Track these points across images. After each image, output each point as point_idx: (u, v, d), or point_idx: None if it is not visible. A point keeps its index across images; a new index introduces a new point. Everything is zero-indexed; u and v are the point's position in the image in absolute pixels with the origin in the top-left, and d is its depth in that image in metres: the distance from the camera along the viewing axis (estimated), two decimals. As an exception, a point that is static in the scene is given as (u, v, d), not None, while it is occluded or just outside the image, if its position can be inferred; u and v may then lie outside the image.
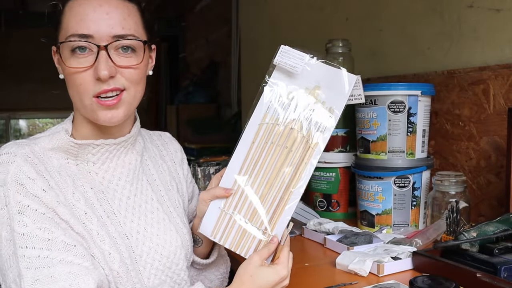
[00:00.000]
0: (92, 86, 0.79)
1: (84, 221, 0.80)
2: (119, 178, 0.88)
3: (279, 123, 0.87)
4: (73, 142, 0.83)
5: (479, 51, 1.43)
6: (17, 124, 8.10)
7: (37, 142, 0.82)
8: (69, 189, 0.81)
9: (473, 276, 0.88)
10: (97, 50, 0.78)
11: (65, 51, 0.79)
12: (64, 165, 0.83)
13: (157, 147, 1.03)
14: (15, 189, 0.75)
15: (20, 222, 0.74)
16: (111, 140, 0.86)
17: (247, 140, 0.89)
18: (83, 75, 0.79)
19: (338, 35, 1.75)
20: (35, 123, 8.70)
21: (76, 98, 0.82)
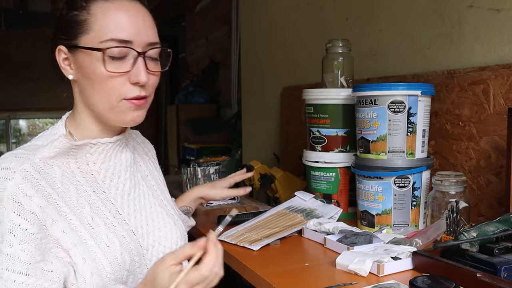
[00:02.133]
0: (125, 90, 0.82)
1: (93, 226, 0.82)
2: (118, 176, 0.91)
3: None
4: (73, 144, 0.85)
5: (479, 51, 1.43)
6: (17, 124, 8.10)
7: (37, 153, 0.82)
8: (73, 198, 0.83)
9: (473, 276, 0.88)
10: (134, 56, 0.81)
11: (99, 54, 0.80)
12: (66, 172, 0.84)
13: (139, 144, 1.07)
14: (11, 207, 0.75)
15: (7, 242, 0.74)
16: (107, 139, 0.88)
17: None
18: (120, 79, 0.81)
19: (338, 35, 1.75)
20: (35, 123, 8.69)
21: (103, 99, 0.83)
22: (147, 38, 0.83)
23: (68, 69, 0.85)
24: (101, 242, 0.82)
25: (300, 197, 1.51)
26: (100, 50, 0.79)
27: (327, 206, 1.46)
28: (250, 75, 2.93)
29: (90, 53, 0.80)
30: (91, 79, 0.82)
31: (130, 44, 0.81)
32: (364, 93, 1.32)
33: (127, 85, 0.82)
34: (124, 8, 0.81)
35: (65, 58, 0.84)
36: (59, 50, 0.84)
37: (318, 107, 1.54)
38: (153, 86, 0.86)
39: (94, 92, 0.83)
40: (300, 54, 2.39)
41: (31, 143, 0.87)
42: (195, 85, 4.63)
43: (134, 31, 0.81)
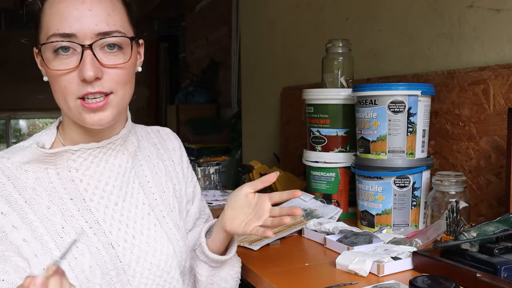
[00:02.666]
0: (76, 88, 0.74)
1: (62, 235, 0.77)
2: (106, 183, 0.83)
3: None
4: (47, 153, 0.80)
5: (479, 51, 1.43)
6: (17, 124, 8.10)
7: (11, 156, 0.79)
8: (43, 205, 0.78)
9: (473, 276, 0.88)
10: (81, 50, 0.73)
11: (47, 52, 0.75)
12: (41, 178, 0.80)
13: (154, 145, 0.97)
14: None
15: None
16: (93, 143, 0.82)
17: None
18: (67, 77, 0.74)
19: (338, 35, 1.75)
20: (35, 123, 8.69)
21: (61, 100, 0.77)
22: (94, 28, 0.73)
23: (43, 71, 0.80)
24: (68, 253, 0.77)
25: (300, 197, 1.51)
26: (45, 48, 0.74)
27: (327, 207, 1.46)
28: (250, 75, 2.93)
29: (43, 52, 0.75)
30: (49, 79, 0.78)
31: (73, 38, 0.72)
32: (364, 93, 1.32)
33: (76, 83, 0.74)
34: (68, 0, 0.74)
35: (41, 61, 0.79)
36: (35, 52, 0.80)
37: (318, 107, 1.54)
38: (115, 80, 0.76)
39: (55, 94, 0.78)
40: (300, 54, 2.39)
41: (21, 142, 0.85)
42: (195, 85, 4.63)
43: (76, 22, 0.72)
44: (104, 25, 0.74)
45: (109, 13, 0.75)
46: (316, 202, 1.50)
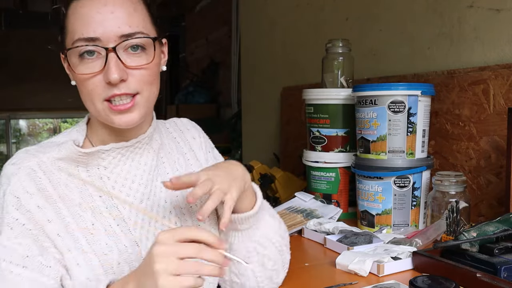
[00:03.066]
0: (102, 91, 0.76)
1: (92, 232, 0.79)
2: (132, 181, 0.85)
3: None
4: (81, 152, 0.81)
5: (479, 51, 1.43)
6: (17, 124, 8.09)
7: (47, 151, 0.81)
8: (75, 201, 0.80)
9: (473, 276, 0.88)
10: (105, 53, 0.74)
11: (73, 57, 0.76)
12: (73, 174, 0.81)
13: (173, 140, 0.97)
14: (11, 202, 0.76)
15: (5, 234, 0.75)
16: (123, 143, 0.83)
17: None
18: (93, 80, 0.76)
19: (338, 35, 1.75)
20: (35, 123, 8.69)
21: (89, 103, 0.79)
22: (117, 31, 0.74)
23: (70, 75, 0.82)
24: (99, 249, 0.79)
25: (300, 197, 1.51)
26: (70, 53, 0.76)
27: (327, 207, 1.46)
28: (250, 75, 2.93)
29: (69, 57, 0.77)
30: (77, 83, 0.79)
31: (97, 42, 0.74)
32: (364, 93, 1.32)
33: (102, 85, 0.75)
34: (91, 3, 0.75)
35: (68, 65, 0.81)
36: (62, 58, 0.82)
37: (318, 107, 1.54)
38: (140, 81, 0.77)
39: (83, 97, 0.80)
40: (300, 54, 2.39)
41: (51, 139, 0.87)
42: (195, 85, 4.63)
43: (98, 26, 0.73)
44: (127, 27, 0.75)
45: (130, 14, 0.76)
46: (316, 202, 1.50)
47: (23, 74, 5.22)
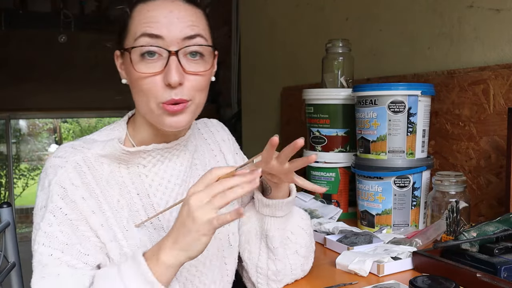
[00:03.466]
0: (160, 92, 0.78)
1: (127, 228, 0.83)
2: (168, 180, 0.88)
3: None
4: (125, 150, 0.84)
5: (479, 51, 1.43)
6: (17, 124, 8.09)
7: (91, 147, 0.84)
8: (114, 197, 0.83)
9: (473, 276, 0.88)
10: (167, 55, 0.77)
11: (134, 55, 0.78)
12: (114, 171, 0.85)
13: (204, 141, 1.00)
14: (56, 191, 0.79)
15: (47, 221, 0.78)
16: (164, 144, 0.86)
17: None
18: (152, 80, 0.78)
19: (338, 35, 1.75)
20: (35, 123, 8.68)
21: (143, 102, 0.81)
22: (180, 34, 0.77)
23: (123, 73, 0.85)
24: (133, 244, 0.82)
25: (300, 198, 1.51)
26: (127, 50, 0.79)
27: (327, 207, 1.46)
28: (250, 75, 2.94)
29: (131, 55, 0.79)
30: (131, 81, 0.82)
31: (160, 41, 0.76)
32: (364, 93, 1.32)
33: (160, 87, 0.78)
34: (158, 7, 0.78)
35: (122, 63, 0.85)
36: (116, 56, 0.86)
37: (318, 107, 1.54)
38: (194, 88, 0.80)
39: (136, 96, 0.82)
40: (300, 54, 2.39)
41: (91, 136, 0.89)
42: (195, 85, 4.62)
43: (164, 27, 0.76)
44: (189, 30, 0.78)
45: (194, 22, 0.80)
46: (316, 202, 1.50)
47: (23, 74, 5.21)
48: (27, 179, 8.38)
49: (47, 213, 0.78)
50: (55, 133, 9.45)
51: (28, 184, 8.36)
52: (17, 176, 8.05)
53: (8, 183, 6.51)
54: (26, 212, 7.48)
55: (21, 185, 8.18)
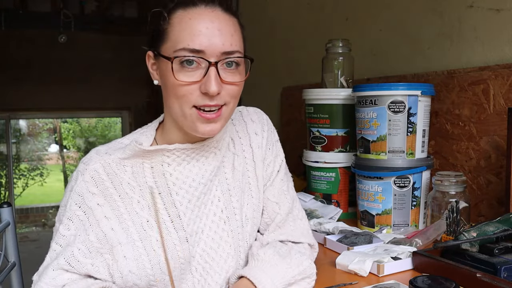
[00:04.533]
0: (195, 98, 0.81)
1: (145, 228, 0.86)
2: (193, 179, 0.89)
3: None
4: (143, 149, 0.86)
5: (479, 51, 1.43)
6: (17, 124, 8.09)
7: (112, 153, 0.88)
8: (134, 199, 0.87)
9: (473, 276, 0.88)
10: (207, 66, 0.79)
11: (175, 64, 0.80)
12: (138, 173, 0.88)
13: (236, 134, 0.98)
14: (74, 199, 0.86)
15: (66, 226, 0.85)
16: (187, 144, 0.88)
17: None
18: (189, 88, 0.80)
19: (338, 35, 1.75)
20: (35, 123, 8.68)
21: (176, 107, 0.83)
22: (221, 47, 0.80)
23: (155, 74, 0.88)
24: (149, 245, 0.85)
25: (300, 198, 1.51)
26: (169, 59, 0.81)
27: (327, 207, 1.46)
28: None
29: (167, 61, 0.81)
30: (166, 85, 0.84)
31: (201, 54, 0.79)
32: (364, 93, 1.32)
33: (197, 94, 0.81)
34: (200, 16, 0.80)
35: (153, 64, 0.87)
36: (148, 55, 0.87)
37: (318, 107, 1.54)
38: (230, 95, 0.83)
39: (170, 100, 0.84)
40: (300, 54, 2.39)
41: (122, 139, 0.93)
42: (195, 85, 4.62)
43: (205, 40, 0.79)
44: (229, 45, 0.81)
45: (232, 34, 0.82)
46: (316, 202, 1.50)
47: (23, 74, 5.21)
48: (27, 179, 8.38)
49: (65, 219, 0.86)
50: (55, 133, 9.44)
51: (28, 184, 8.36)
52: (17, 176, 8.05)
53: (8, 183, 6.51)
54: (26, 212, 7.48)
55: (21, 185, 8.19)
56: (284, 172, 1.02)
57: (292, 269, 0.87)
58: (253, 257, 0.90)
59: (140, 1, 5.23)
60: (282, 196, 1.00)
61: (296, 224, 0.99)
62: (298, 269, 0.88)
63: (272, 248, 0.91)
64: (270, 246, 0.92)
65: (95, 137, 8.82)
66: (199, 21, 0.79)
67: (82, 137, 8.92)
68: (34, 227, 7.36)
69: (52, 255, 0.86)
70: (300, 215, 1.01)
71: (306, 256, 0.93)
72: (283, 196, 1.00)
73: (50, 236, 0.89)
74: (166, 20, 0.82)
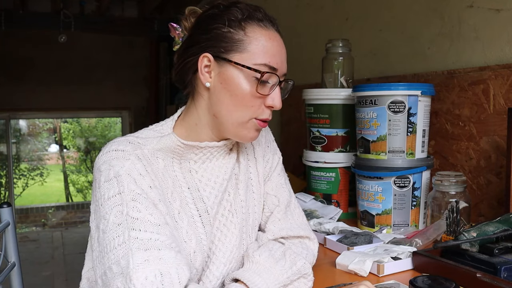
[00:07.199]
0: (260, 111, 0.88)
1: (177, 220, 0.87)
2: (217, 175, 0.94)
3: None
4: (181, 142, 0.89)
5: (479, 51, 1.43)
6: (17, 124, 8.09)
7: (146, 143, 0.88)
8: (168, 189, 0.88)
9: (473, 276, 0.88)
10: (275, 83, 0.88)
11: (251, 73, 0.86)
12: (168, 165, 0.90)
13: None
14: (129, 180, 0.81)
15: (134, 208, 0.79)
16: (214, 143, 0.92)
17: None
18: (258, 100, 0.87)
19: (338, 35, 1.75)
20: (35, 123, 8.68)
21: (237, 114, 0.88)
22: (285, 69, 0.90)
23: (207, 76, 0.89)
24: (180, 236, 0.86)
25: (300, 198, 1.51)
26: (257, 71, 0.85)
27: (327, 207, 1.46)
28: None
29: (241, 70, 0.86)
30: (233, 93, 0.87)
31: (276, 72, 0.87)
32: (364, 93, 1.32)
33: (262, 107, 0.88)
34: (275, 38, 0.88)
35: (207, 66, 0.88)
36: (204, 56, 0.88)
37: (318, 107, 1.54)
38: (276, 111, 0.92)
39: (230, 105, 0.88)
40: (300, 54, 2.39)
41: (140, 133, 0.93)
42: (195, 85, 4.62)
43: (280, 61, 0.88)
44: (286, 68, 0.92)
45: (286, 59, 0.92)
46: (316, 202, 1.50)
47: (23, 74, 5.22)
48: (27, 179, 8.38)
49: (130, 202, 0.79)
50: (55, 133, 9.44)
51: (28, 184, 8.36)
52: (17, 176, 8.05)
53: (8, 183, 6.51)
54: (26, 212, 7.48)
55: (21, 185, 8.19)
56: (281, 168, 1.09)
57: (285, 270, 0.89)
58: (249, 259, 0.91)
59: (140, 1, 5.23)
60: (280, 189, 1.06)
61: (294, 218, 1.04)
62: (292, 270, 0.90)
63: (268, 252, 0.93)
64: (265, 248, 0.94)
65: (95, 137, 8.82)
66: (275, 43, 0.88)
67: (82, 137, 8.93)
68: (34, 227, 7.36)
69: (144, 245, 0.76)
70: (297, 210, 1.06)
71: (301, 256, 0.94)
72: (281, 190, 1.05)
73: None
74: (241, 30, 0.86)
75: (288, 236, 1.00)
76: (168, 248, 0.77)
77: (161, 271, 0.73)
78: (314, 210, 1.43)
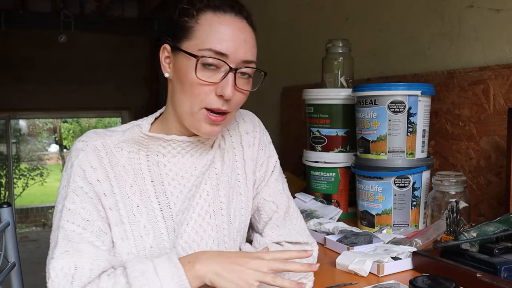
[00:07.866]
0: (210, 100, 0.84)
1: (135, 213, 0.87)
2: (186, 171, 0.92)
3: None
4: (143, 133, 0.89)
5: (479, 51, 1.43)
6: (17, 124, 8.09)
7: (112, 135, 0.90)
8: (127, 182, 0.88)
9: (473, 276, 0.88)
10: (227, 70, 0.83)
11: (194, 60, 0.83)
12: (133, 157, 0.89)
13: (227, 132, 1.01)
14: (77, 172, 0.85)
15: (71, 199, 0.84)
16: (184, 137, 0.90)
17: None
18: (206, 88, 0.83)
19: (338, 35, 1.75)
20: (35, 123, 8.68)
21: (187, 104, 0.85)
22: (243, 56, 0.84)
23: (167, 67, 0.89)
24: (136, 230, 0.86)
25: (300, 198, 1.51)
26: (195, 57, 0.82)
27: (327, 207, 1.46)
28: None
29: (188, 58, 0.83)
30: (183, 81, 0.85)
31: (225, 58, 0.82)
32: (364, 93, 1.32)
33: (212, 96, 0.84)
34: (229, 24, 0.84)
35: (167, 57, 0.88)
36: (163, 48, 0.88)
37: (318, 107, 1.54)
38: (236, 104, 0.87)
39: (181, 95, 0.86)
40: (300, 54, 2.39)
41: (117, 127, 0.94)
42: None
43: (232, 46, 0.83)
44: (250, 55, 0.85)
45: (253, 46, 0.87)
46: (316, 203, 1.50)
47: (23, 74, 5.21)
48: (27, 179, 8.38)
49: (70, 192, 0.84)
50: (55, 133, 9.44)
51: (28, 184, 8.36)
52: (17, 176, 8.05)
53: (8, 183, 6.51)
54: (26, 212, 7.49)
55: (21, 185, 8.19)
56: (279, 172, 1.04)
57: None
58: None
59: (140, 1, 5.23)
60: (278, 195, 1.02)
61: (292, 224, 1.01)
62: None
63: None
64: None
65: (95, 137, 8.80)
66: (229, 28, 0.83)
67: (82, 137, 8.91)
68: (34, 227, 7.37)
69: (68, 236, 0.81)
70: (296, 215, 1.03)
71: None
72: (279, 196, 1.02)
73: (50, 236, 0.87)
74: (194, 18, 0.84)
75: (286, 241, 0.98)
76: (89, 243, 0.81)
77: (76, 263, 0.78)
78: (314, 210, 1.43)
